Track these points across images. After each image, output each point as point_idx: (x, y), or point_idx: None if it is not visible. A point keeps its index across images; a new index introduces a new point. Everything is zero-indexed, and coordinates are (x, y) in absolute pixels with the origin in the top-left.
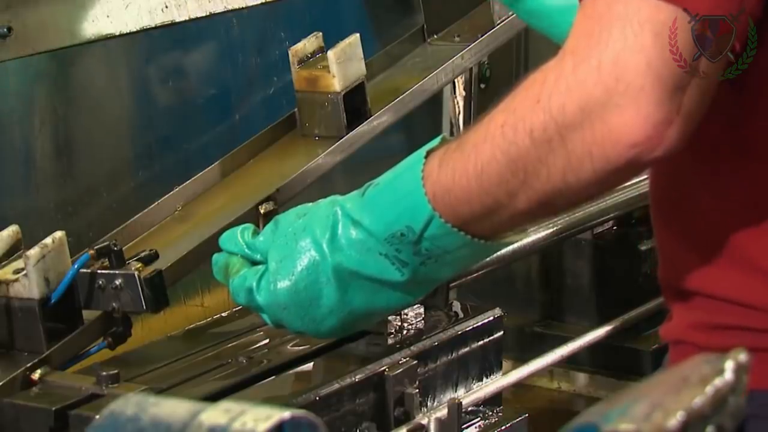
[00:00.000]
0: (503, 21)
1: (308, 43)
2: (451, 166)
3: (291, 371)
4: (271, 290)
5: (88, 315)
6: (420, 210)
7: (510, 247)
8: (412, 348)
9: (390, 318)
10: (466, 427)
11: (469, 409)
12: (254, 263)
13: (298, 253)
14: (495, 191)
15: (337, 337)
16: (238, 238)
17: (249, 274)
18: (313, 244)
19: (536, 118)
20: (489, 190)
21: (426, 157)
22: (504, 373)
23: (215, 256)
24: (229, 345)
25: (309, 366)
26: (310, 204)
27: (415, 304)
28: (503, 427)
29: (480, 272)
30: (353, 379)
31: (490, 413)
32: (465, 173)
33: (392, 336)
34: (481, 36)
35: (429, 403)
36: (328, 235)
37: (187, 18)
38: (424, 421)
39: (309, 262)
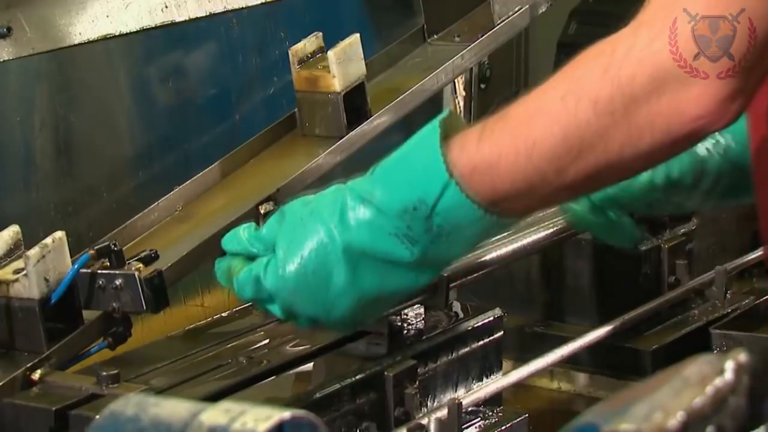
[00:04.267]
0: (503, 21)
1: (308, 43)
2: (494, 140)
3: (291, 371)
4: (280, 275)
5: (88, 315)
6: (436, 180)
7: (510, 247)
8: (412, 348)
9: (390, 318)
10: (466, 427)
11: (469, 409)
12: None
13: (306, 236)
14: (544, 167)
15: (348, 326)
16: (241, 235)
17: (255, 265)
18: (322, 226)
19: (603, 89)
20: (538, 165)
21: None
22: (504, 373)
23: (218, 261)
24: (229, 345)
25: (309, 366)
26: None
27: (421, 294)
28: (503, 427)
29: (480, 272)
30: (353, 379)
31: (490, 413)
32: (513, 148)
33: (392, 336)
34: (481, 36)
35: (429, 403)
36: (336, 216)
37: (187, 18)
38: (424, 421)
39: (318, 244)
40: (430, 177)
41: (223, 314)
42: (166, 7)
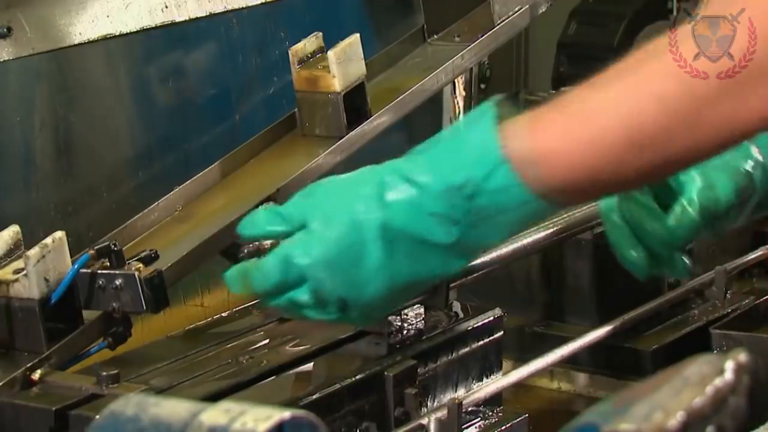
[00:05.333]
0: (503, 21)
1: (308, 43)
2: (551, 130)
3: (291, 371)
4: (315, 248)
5: (88, 315)
6: (487, 159)
7: (510, 247)
8: (412, 348)
9: (390, 318)
10: (466, 427)
11: (469, 409)
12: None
13: (342, 211)
14: (602, 162)
15: (375, 313)
16: (260, 218)
17: (284, 245)
18: (359, 202)
19: (670, 85)
20: (597, 159)
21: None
22: (504, 373)
23: (228, 272)
24: (229, 345)
25: (309, 366)
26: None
27: (455, 279)
28: (503, 427)
29: (480, 272)
30: (353, 379)
31: (490, 413)
32: (572, 141)
33: (392, 336)
34: (481, 36)
35: (429, 403)
36: (374, 193)
37: (187, 18)
38: (424, 421)
39: (354, 219)
40: (481, 156)
41: (223, 314)
42: (166, 7)
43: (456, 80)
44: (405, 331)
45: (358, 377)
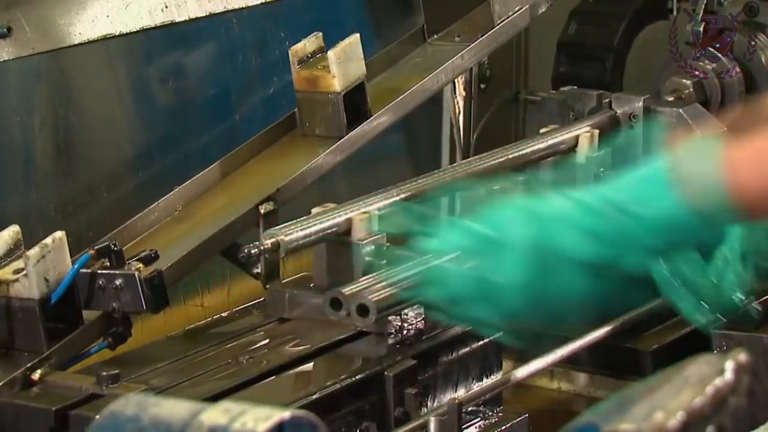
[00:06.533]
0: (503, 21)
1: (308, 43)
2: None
3: (291, 371)
4: (510, 273)
5: (88, 315)
6: (710, 187)
7: None
8: (412, 348)
9: (390, 318)
10: (466, 427)
11: (469, 409)
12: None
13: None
14: None
15: (513, 322)
16: (455, 233)
17: (480, 262)
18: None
19: None
20: None
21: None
22: (504, 373)
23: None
24: (229, 345)
25: (309, 366)
26: None
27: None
28: (503, 427)
29: None
30: (353, 379)
31: (490, 413)
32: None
33: (392, 336)
34: (481, 36)
35: (429, 403)
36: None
37: (187, 18)
38: (424, 421)
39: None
40: (707, 186)
41: (223, 314)
42: (166, 7)
43: (456, 80)
44: (405, 331)
45: (358, 377)
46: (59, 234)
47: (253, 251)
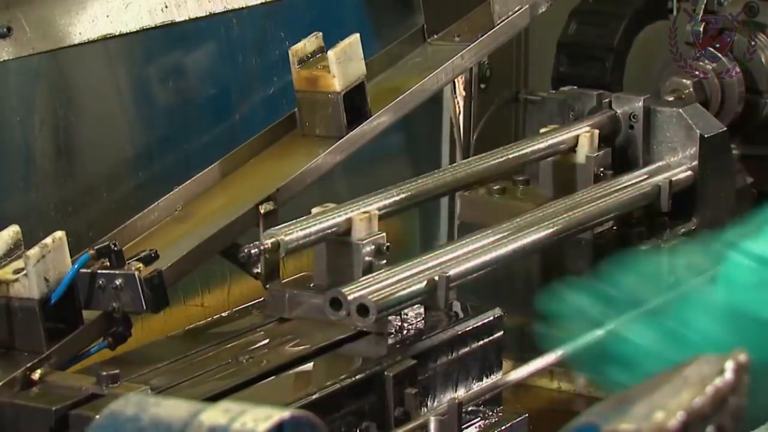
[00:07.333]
0: (503, 21)
1: (308, 43)
2: None
3: (291, 371)
4: None
5: (88, 315)
6: None
7: (510, 247)
8: (412, 348)
9: (390, 318)
10: (466, 427)
11: (469, 409)
12: None
13: None
14: None
15: None
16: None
17: None
18: None
19: None
20: None
21: None
22: (504, 373)
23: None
24: (229, 345)
25: (309, 366)
26: None
27: None
28: (503, 427)
29: (480, 272)
30: (353, 379)
31: (490, 413)
32: None
33: (392, 336)
34: (481, 36)
35: (429, 403)
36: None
37: (187, 18)
38: (424, 421)
39: None
40: None
41: (223, 314)
42: (166, 7)
43: (456, 80)
44: (405, 331)
45: (358, 377)
46: (59, 234)
47: (253, 251)
